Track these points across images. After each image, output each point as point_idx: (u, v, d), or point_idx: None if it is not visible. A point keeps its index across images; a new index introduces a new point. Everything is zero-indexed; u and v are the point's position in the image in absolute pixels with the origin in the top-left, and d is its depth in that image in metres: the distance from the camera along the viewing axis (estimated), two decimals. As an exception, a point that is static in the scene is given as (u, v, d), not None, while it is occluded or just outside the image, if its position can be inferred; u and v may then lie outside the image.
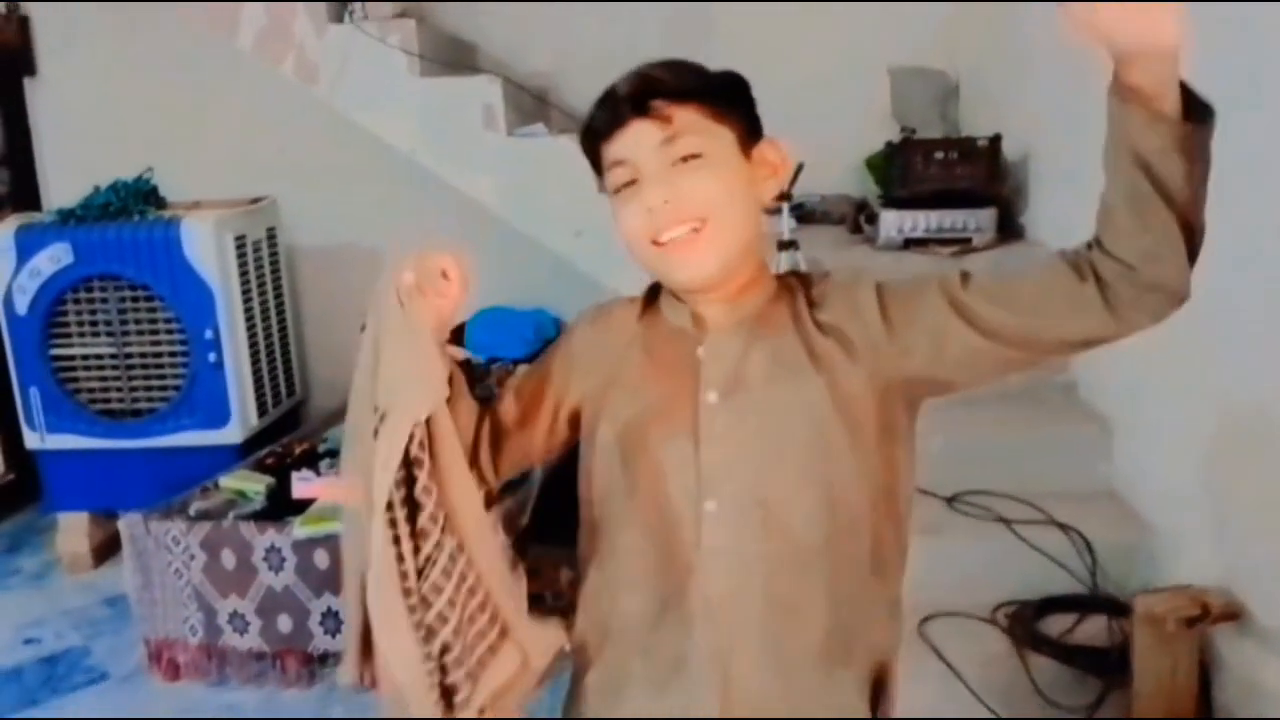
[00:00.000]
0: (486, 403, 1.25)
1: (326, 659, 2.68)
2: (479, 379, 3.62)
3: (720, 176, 1.09)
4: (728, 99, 1.12)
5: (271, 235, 3.67)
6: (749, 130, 1.13)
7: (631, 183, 1.10)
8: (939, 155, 3.24)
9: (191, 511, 2.75)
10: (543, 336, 3.88)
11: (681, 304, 1.17)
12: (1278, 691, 1.96)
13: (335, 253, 4.08)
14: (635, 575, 1.14)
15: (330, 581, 2.59)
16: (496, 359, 3.79)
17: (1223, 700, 2.15)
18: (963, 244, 3.23)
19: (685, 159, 1.08)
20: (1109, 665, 2.22)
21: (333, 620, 2.62)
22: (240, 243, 3.42)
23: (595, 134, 1.12)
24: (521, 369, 3.58)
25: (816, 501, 1.09)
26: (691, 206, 1.08)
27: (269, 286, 3.63)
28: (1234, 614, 2.09)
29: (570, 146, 3.64)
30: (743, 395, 1.11)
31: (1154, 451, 2.52)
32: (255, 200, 3.62)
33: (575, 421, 1.23)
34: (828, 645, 1.11)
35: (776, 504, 1.09)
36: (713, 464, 1.10)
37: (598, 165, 1.15)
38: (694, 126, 1.08)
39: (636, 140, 1.09)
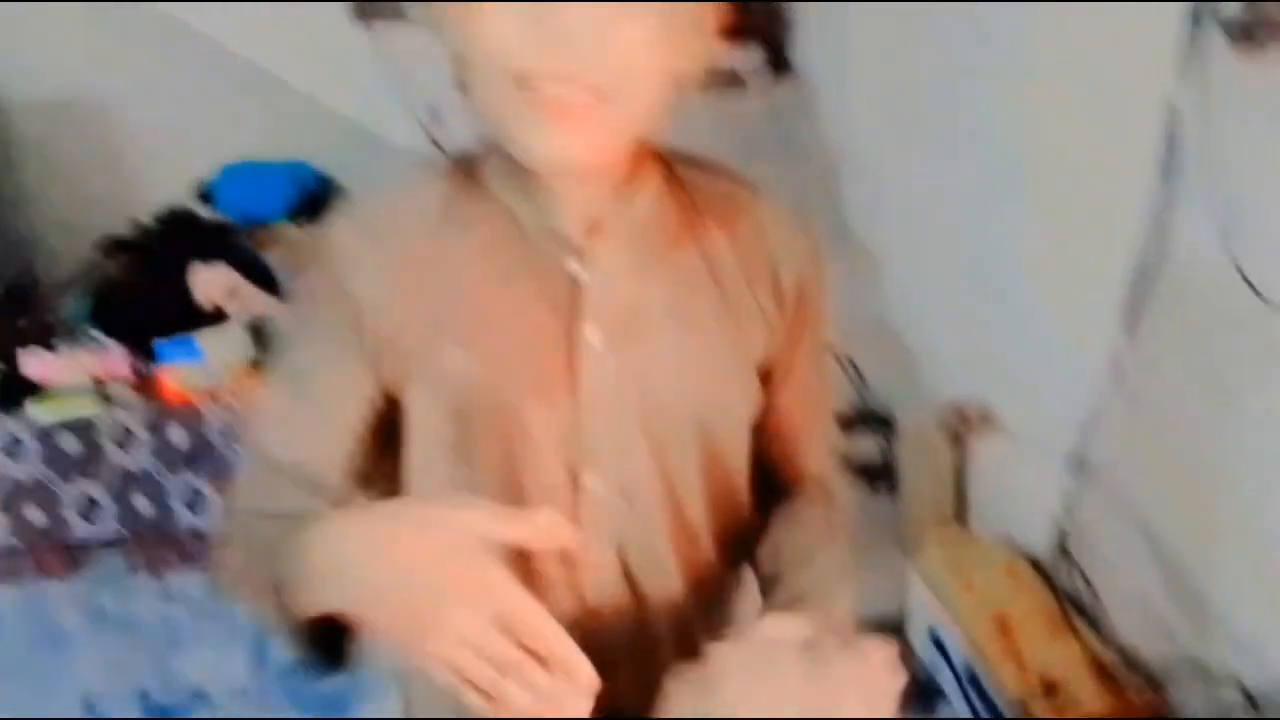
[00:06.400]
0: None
1: (89, 546, 2.48)
2: (238, 244, 3.33)
3: (657, 32, 0.71)
4: None
5: (-29, 87, 3.19)
6: None
7: None
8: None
9: (-94, 404, 2.43)
10: (305, 190, 3.59)
11: (532, 184, 0.79)
12: (1026, 490, 2.14)
13: (52, 109, 3.60)
14: None
15: (82, 464, 2.37)
16: (255, 221, 3.48)
17: (978, 501, 2.34)
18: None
19: None
20: (878, 477, 2.38)
21: (90, 505, 2.41)
22: (-69, 94, 2.95)
23: None
24: (283, 229, 3.37)
25: (710, 477, 0.87)
26: (609, 69, 0.71)
27: (-26, 146, 3.18)
28: (988, 421, 2.26)
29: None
30: (638, 339, 0.82)
31: (917, 279, 2.65)
32: (-56, 44, 3.12)
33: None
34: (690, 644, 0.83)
35: (669, 477, 0.84)
36: (596, 426, 0.81)
37: None
38: None
39: None
